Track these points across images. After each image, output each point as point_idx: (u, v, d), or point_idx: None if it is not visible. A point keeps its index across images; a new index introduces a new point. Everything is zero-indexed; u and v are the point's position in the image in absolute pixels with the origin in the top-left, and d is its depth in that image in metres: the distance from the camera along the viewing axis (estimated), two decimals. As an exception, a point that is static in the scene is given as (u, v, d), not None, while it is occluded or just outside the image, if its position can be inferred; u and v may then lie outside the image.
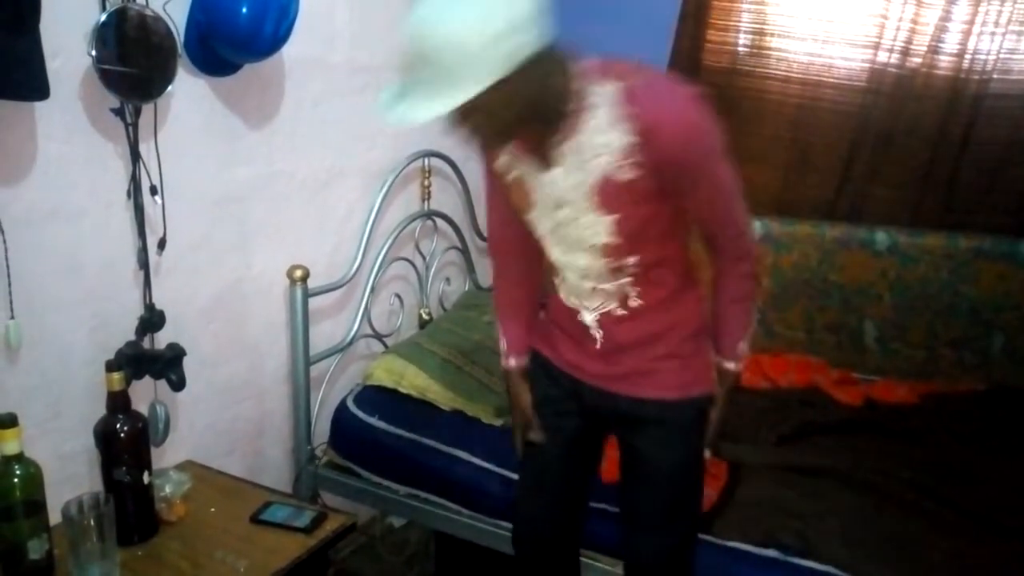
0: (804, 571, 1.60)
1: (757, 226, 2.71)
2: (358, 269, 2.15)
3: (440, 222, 2.55)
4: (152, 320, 1.66)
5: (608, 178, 1.18)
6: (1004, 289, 2.47)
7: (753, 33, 2.71)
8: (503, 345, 1.54)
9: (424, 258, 2.50)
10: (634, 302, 1.32)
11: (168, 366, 1.65)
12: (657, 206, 1.21)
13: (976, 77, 2.44)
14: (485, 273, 2.86)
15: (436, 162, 2.48)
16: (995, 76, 2.43)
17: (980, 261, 2.48)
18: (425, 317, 2.49)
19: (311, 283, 1.95)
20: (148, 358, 1.64)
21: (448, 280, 2.69)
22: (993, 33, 2.40)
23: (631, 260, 1.26)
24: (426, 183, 2.45)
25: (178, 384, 1.66)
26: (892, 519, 1.73)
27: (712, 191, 1.22)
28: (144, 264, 1.62)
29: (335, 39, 2.07)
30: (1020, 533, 1.67)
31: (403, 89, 1.08)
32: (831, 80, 2.63)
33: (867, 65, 2.56)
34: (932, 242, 2.54)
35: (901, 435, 2.12)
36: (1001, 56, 2.41)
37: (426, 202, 2.47)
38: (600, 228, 1.23)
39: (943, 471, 1.91)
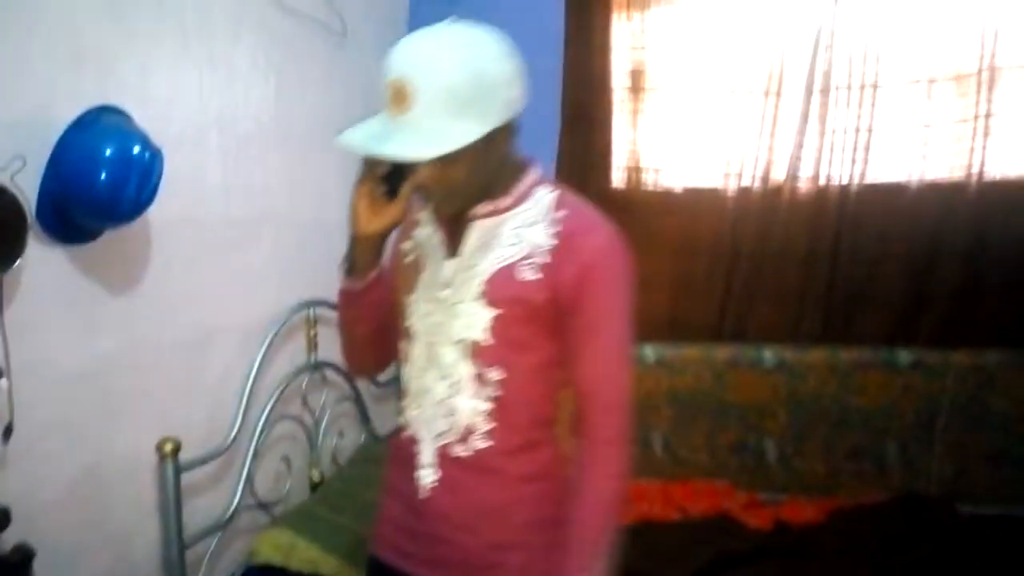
0: None
1: (648, 352, 2.74)
2: (238, 434, 2.00)
3: (330, 373, 2.43)
4: (-6, 520, 1.46)
5: (508, 270, 1.14)
6: (889, 397, 2.55)
7: (629, 170, 2.83)
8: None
9: (313, 414, 2.37)
10: (480, 442, 1.17)
11: (14, 572, 1.45)
12: (541, 323, 1.14)
13: (834, 199, 2.62)
14: (382, 421, 2.74)
15: (323, 311, 2.40)
16: (851, 198, 2.60)
17: (863, 372, 2.57)
18: (316, 479, 2.32)
19: (185, 455, 1.79)
20: (-12, 565, 1.43)
21: (342, 434, 2.54)
22: (842, 159, 2.60)
23: (495, 374, 1.15)
24: (312, 333, 2.36)
25: (25, 592, 1.45)
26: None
27: (606, 341, 1.14)
28: (-15, 457, 1.45)
29: (207, 196, 2.00)
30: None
31: (385, 128, 1.05)
32: (705, 209, 2.76)
33: (733, 194, 2.71)
34: (816, 356, 2.62)
35: (813, 559, 2.10)
36: (854, 179, 2.59)
37: (313, 353, 2.36)
38: (477, 320, 1.15)
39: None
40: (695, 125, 2.75)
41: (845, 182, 2.60)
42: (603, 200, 2.82)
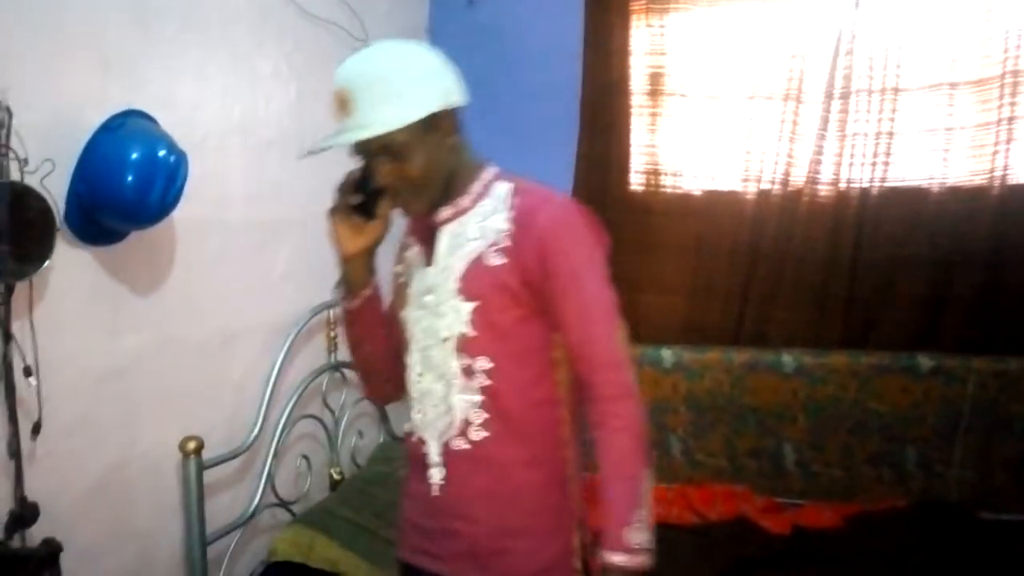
0: None
1: (667, 355, 2.74)
2: (259, 433, 2.03)
3: (349, 373, 2.46)
4: (24, 515, 1.49)
5: (477, 262, 1.20)
6: (909, 402, 2.53)
7: (648, 173, 2.83)
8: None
9: (333, 413, 2.39)
10: (477, 433, 1.20)
11: (42, 565, 1.47)
12: (520, 307, 1.18)
13: (854, 203, 2.60)
14: (401, 421, 2.76)
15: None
16: (871, 202, 2.59)
17: (883, 377, 2.55)
18: (336, 477, 2.35)
19: (207, 453, 1.82)
20: (18, 558, 1.46)
21: (361, 433, 2.57)
22: (863, 164, 2.58)
23: (483, 362, 1.19)
24: (332, 334, 2.38)
25: (52, 585, 1.48)
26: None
27: (582, 299, 1.17)
28: (15, 453, 1.48)
29: (230, 198, 2.04)
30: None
31: (336, 132, 1.17)
32: (724, 212, 2.76)
33: (753, 197, 2.70)
34: (836, 360, 2.60)
35: (830, 563, 2.09)
36: (874, 184, 2.58)
37: (333, 354, 2.39)
38: (459, 316, 1.20)
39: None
40: (714, 129, 2.74)
41: (865, 186, 2.59)
42: (622, 203, 2.86)
